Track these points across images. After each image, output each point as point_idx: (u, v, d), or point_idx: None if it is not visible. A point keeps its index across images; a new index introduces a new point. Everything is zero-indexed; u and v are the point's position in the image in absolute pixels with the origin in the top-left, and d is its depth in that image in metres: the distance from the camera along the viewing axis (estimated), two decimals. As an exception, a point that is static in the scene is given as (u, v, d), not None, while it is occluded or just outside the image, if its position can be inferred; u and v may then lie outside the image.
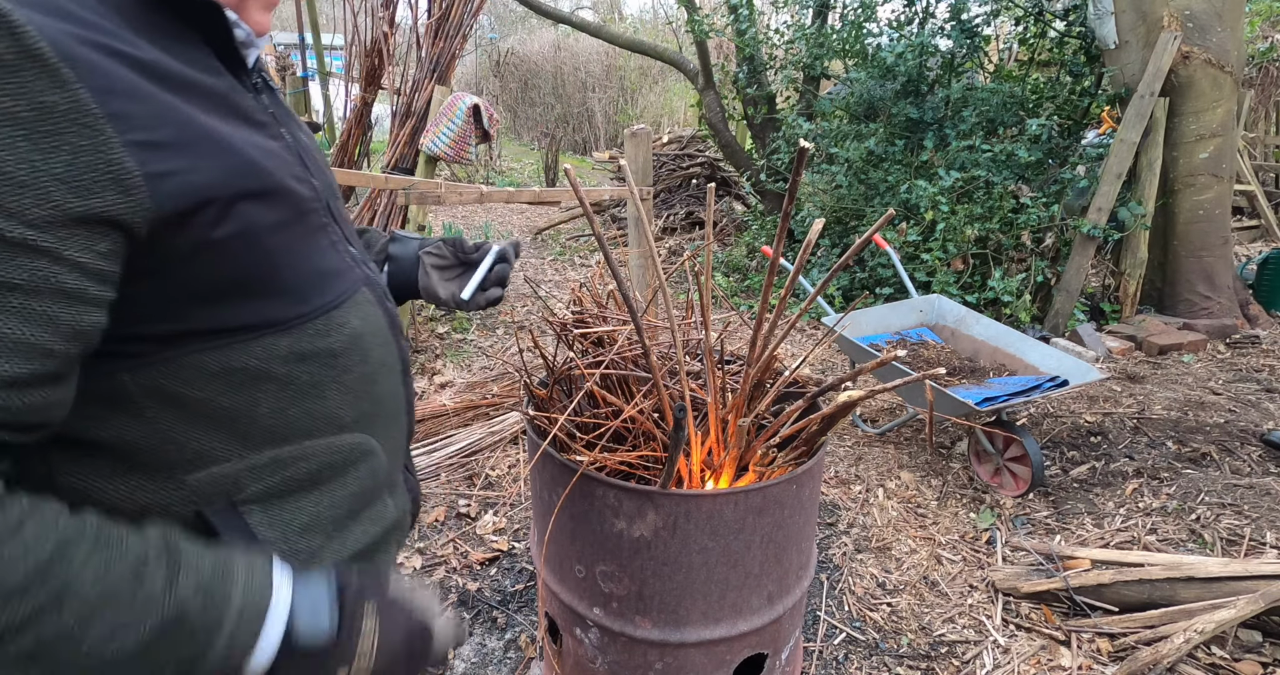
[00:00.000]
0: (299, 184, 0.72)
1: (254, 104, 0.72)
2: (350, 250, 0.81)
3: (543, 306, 4.46)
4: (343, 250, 0.79)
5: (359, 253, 0.84)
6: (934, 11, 5.51)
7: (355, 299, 0.77)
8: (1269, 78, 7.90)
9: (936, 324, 3.40)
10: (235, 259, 0.63)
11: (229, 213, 0.62)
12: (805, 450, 1.39)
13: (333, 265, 0.76)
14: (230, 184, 0.62)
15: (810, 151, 1.45)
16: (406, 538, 0.93)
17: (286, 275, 0.69)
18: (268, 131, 0.72)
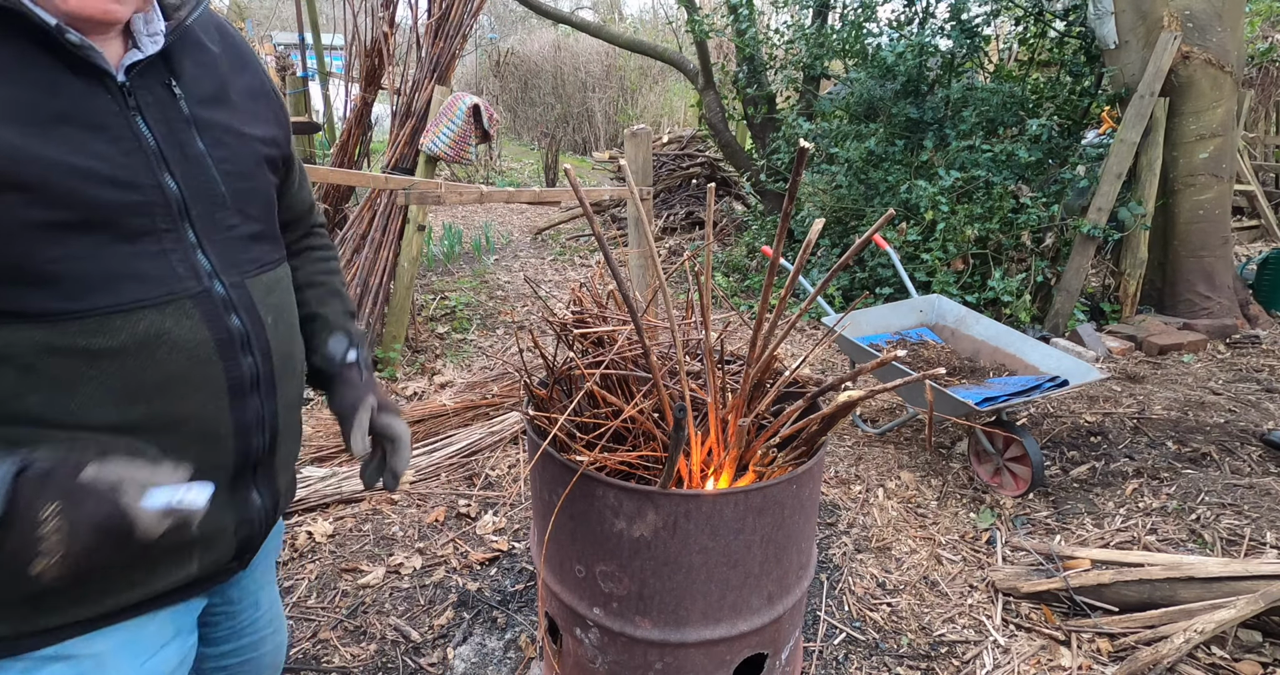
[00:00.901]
0: (111, 188, 0.73)
1: (95, 106, 0.74)
2: (198, 261, 0.82)
3: (543, 306, 4.46)
4: (176, 259, 0.79)
5: (215, 263, 0.84)
6: (934, 11, 5.51)
7: (165, 309, 0.78)
8: (1269, 78, 7.89)
9: (936, 324, 3.40)
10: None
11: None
12: (805, 450, 1.39)
13: (139, 271, 0.76)
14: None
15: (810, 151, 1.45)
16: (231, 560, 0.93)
17: (52, 270, 0.71)
18: (105, 135, 0.74)
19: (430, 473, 2.83)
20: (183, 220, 0.81)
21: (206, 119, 0.85)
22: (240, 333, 0.85)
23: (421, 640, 2.03)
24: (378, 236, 3.92)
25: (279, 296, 0.94)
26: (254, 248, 0.91)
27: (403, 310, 3.85)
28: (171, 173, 0.79)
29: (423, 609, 2.15)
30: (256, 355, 0.87)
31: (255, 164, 0.92)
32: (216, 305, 0.82)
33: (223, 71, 0.90)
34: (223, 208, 0.85)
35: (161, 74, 0.82)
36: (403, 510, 2.62)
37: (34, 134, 0.69)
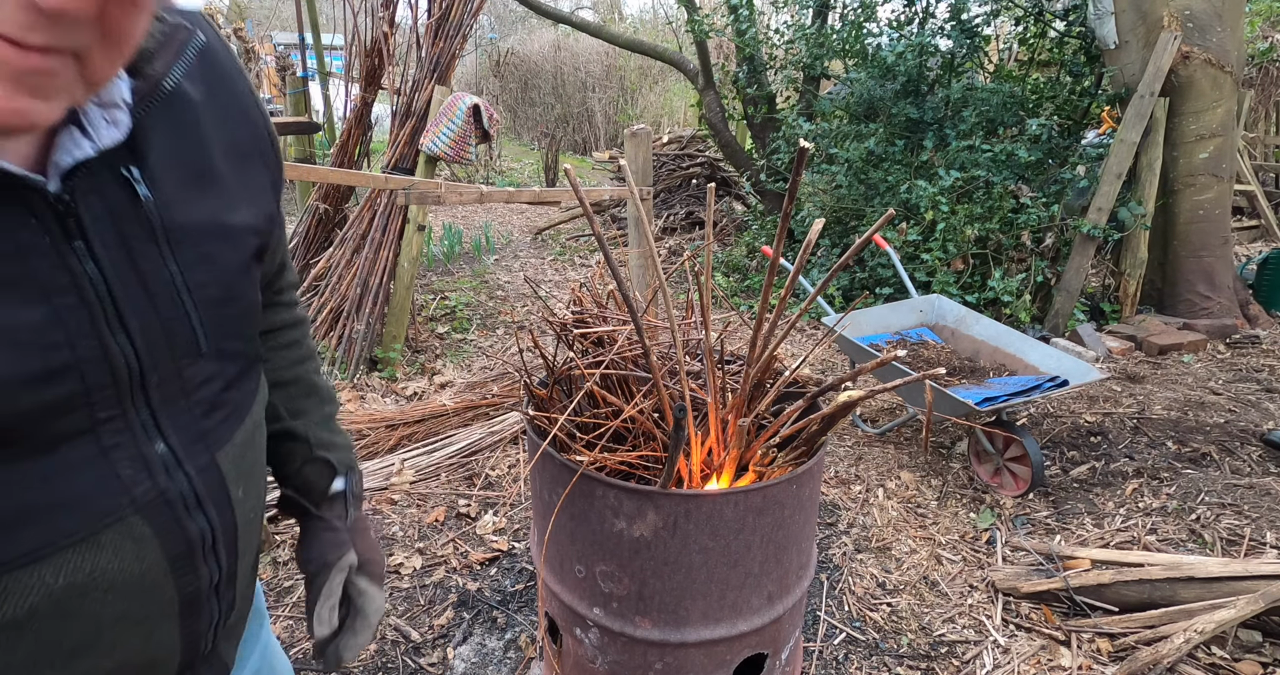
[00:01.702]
0: (17, 390, 0.47)
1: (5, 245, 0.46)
2: (152, 452, 0.56)
3: (543, 306, 4.46)
4: (121, 457, 0.54)
5: (174, 445, 0.58)
6: (934, 11, 5.51)
7: (98, 539, 0.53)
8: (1269, 78, 7.90)
9: (936, 324, 3.40)
10: None
11: None
12: (805, 450, 1.39)
13: (58, 495, 0.51)
14: None
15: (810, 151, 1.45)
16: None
17: None
18: (17, 293, 0.46)
19: (430, 473, 2.83)
20: (134, 399, 0.54)
21: (183, 224, 0.56)
22: (203, 536, 0.61)
23: (421, 640, 2.03)
24: (378, 236, 3.92)
25: (253, 453, 0.69)
26: (230, 397, 0.64)
27: (403, 310, 3.85)
28: (126, 328, 0.52)
29: (423, 609, 2.15)
30: (221, 555, 0.63)
31: (243, 271, 0.64)
32: (175, 509, 0.58)
33: (206, 131, 0.60)
34: (195, 359, 0.59)
35: (119, 162, 0.52)
36: (403, 510, 2.62)
37: None
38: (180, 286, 0.56)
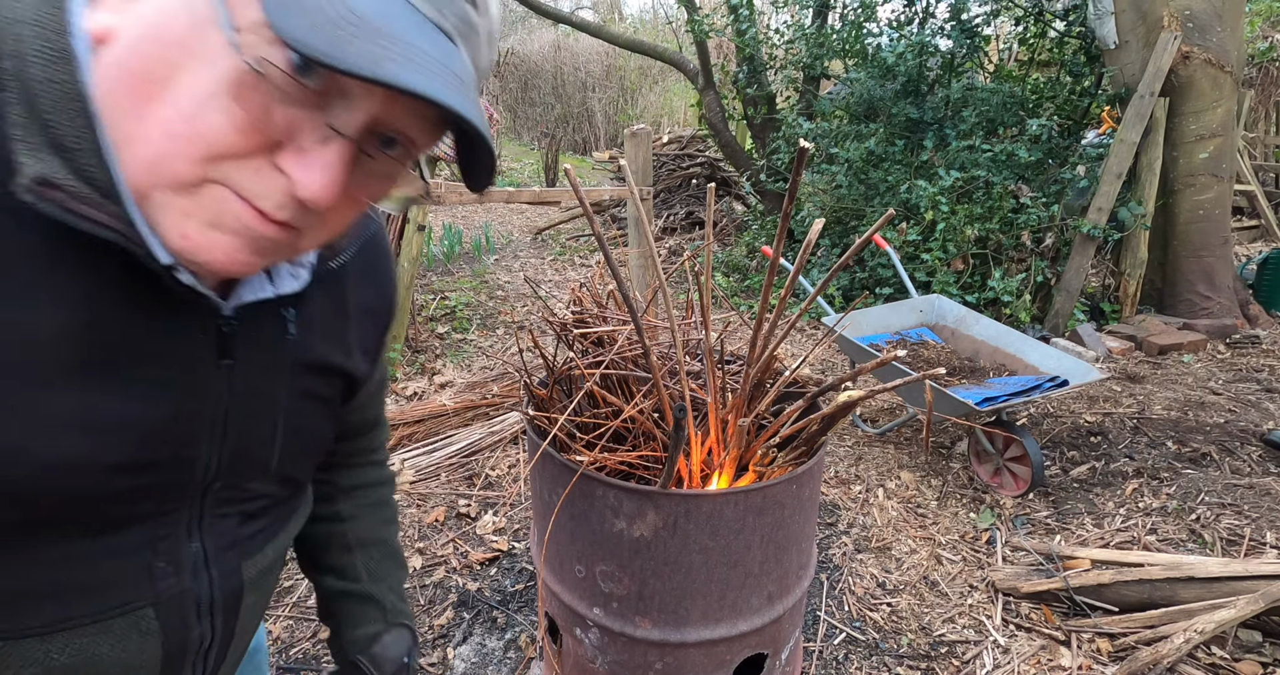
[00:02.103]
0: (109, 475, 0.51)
1: (173, 352, 0.53)
2: (187, 550, 0.59)
3: (543, 306, 4.46)
4: (161, 549, 0.57)
5: (208, 548, 0.61)
6: (934, 11, 5.51)
7: (110, 624, 0.55)
8: (1269, 78, 7.90)
9: (936, 324, 3.40)
10: None
11: None
12: (805, 450, 1.39)
13: (89, 577, 0.53)
14: None
15: (810, 151, 1.45)
16: None
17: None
18: (164, 394, 0.53)
19: (430, 473, 2.83)
20: (194, 498, 0.59)
21: (307, 362, 0.64)
22: (201, 641, 0.62)
23: (421, 640, 2.03)
24: (378, 236, 3.92)
25: (273, 572, 0.71)
26: (272, 514, 0.68)
27: (403, 310, 3.85)
28: (224, 440, 0.58)
29: (423, 609, 2.15)
30: (210, 660, 0.65)
31: (330, 412, 0.71)
32: (188, 610, 0.60)
33: (349, 294, 0.69)
34: (260, 477, 0.64)
35: (283, 304, 0.60)
36: (403, 510, 2.62)
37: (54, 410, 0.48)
38: (279, 412, 0.62)
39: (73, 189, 0.44)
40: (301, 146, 0.45)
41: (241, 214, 0.46)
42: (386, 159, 0.49)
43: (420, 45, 0.44)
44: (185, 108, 0.43)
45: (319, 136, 0.45)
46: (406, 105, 0.46)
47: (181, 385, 0.54)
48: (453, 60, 0.46)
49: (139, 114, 0.44)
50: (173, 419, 0.54)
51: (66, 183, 0.44)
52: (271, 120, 0.44)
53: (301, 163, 0.45)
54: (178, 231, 0.46)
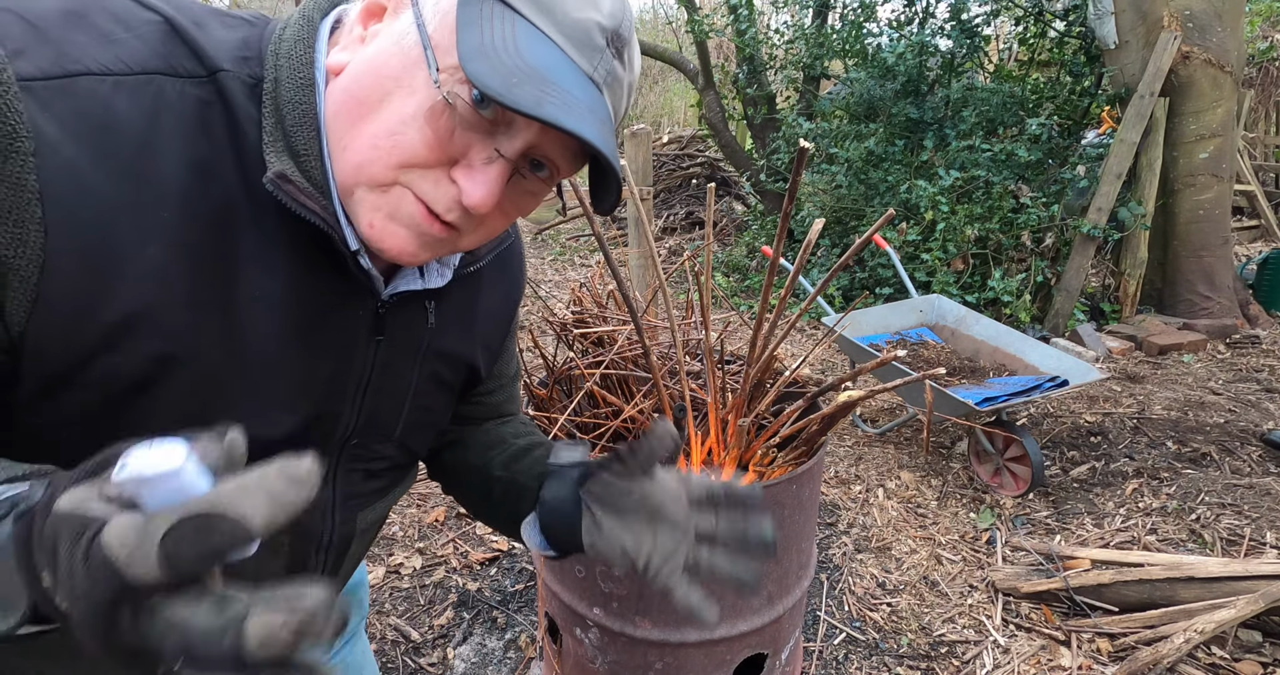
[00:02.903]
0: (298, 423, 0.64)
1: (342, 325, 0.65)
2: (323, 493, 0.70)
3: (543, 306, 4.46)
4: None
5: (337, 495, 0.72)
6: (934, 11, 5.51)
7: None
8: (1269, 78, 7.90)
9: (936, 324, 3.40)
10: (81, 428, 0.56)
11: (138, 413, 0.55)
12: (805, 450, 1.39)
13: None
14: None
15: (810, 151, 1.45)
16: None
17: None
18: (326, 358, 0.65)
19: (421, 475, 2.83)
20: (335, 452, 0.71)
21: (440, 350, 0.75)
22: (306, 569, 0.74)
23: (421, 640, 2.03)
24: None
25: (376, 527, 0.84)
26: (388, 476, 0.79)
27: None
28: (362, 403, 0.70)
29: (423, 609, 2.15)
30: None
31: (452, 396, 0.82)
32: (309, 546, 0.73)
33: (484, 295, 0.80)
34: (386, 441, 0.75)
35: (427, 297, 0.72)
36: (403, 510, 2.62)
37: (261, 355, 0.60)
38: (409, 388, 0.74)
39: (300, 184, 0.57)
40: (471, 164, 0.58)
41: (415, 212, 0.58)
42: (536, 180, 0.62)
43: (574, 92, 0.55)
44: (390, 125, 0.56)
45: (486, 157, 0.58)
46: (556, 138, 0.58)
47: (342, 350, 0.66)
48: (597, 106, 0.57)
49: (354, 128, 0.57)
50: (331, 377, 0.66)
51: (296, 178, 0.57)
52: (453, 141, 0.57)
53: (470, 176, 0.57)
54: (367, 220, 0.59)
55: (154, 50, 0.54)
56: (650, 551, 0.70)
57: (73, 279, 0.50)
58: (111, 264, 0.52)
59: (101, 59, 0.51)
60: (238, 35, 0.59)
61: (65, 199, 0.49)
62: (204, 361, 0.57)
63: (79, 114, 0.50)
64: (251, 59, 0.58)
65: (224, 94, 0.56)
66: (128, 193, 0.51)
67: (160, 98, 0.53)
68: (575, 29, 0.57)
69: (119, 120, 0.51)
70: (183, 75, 0.54)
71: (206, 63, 0.56)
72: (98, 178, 0.50)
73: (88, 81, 0.50)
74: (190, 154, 0.54)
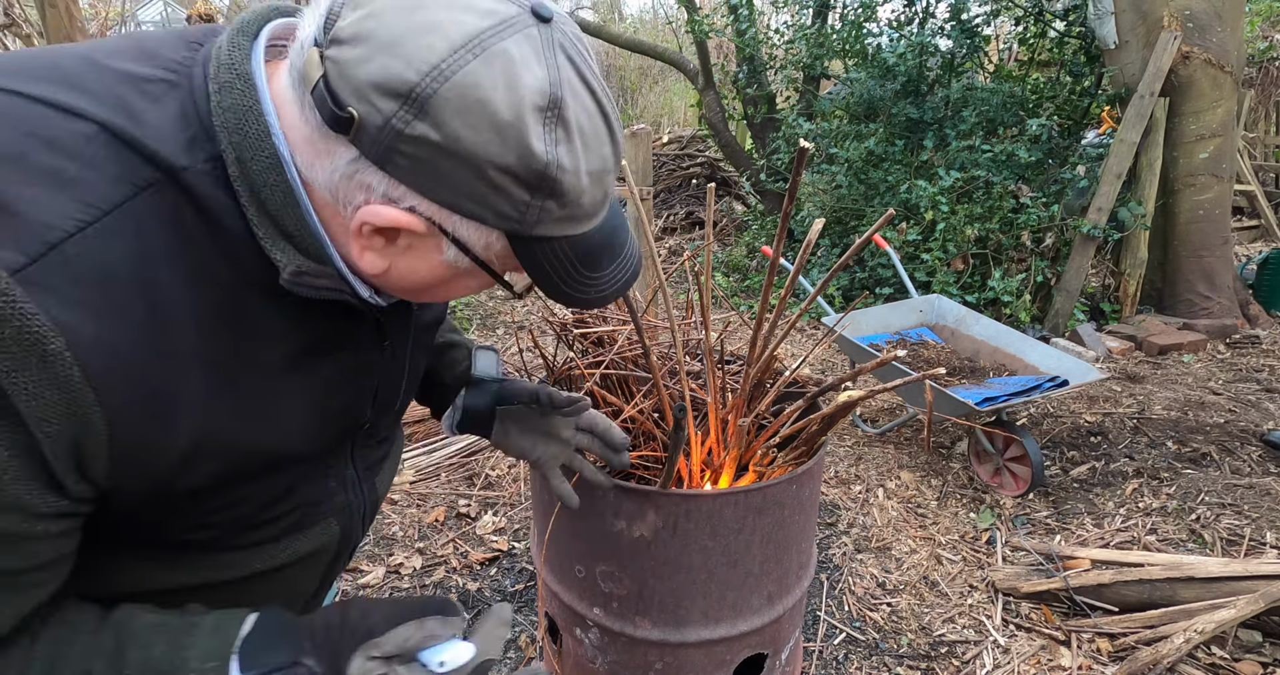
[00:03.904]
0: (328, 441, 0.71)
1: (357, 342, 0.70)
2: (348, 472, 0.78)
3: (543, 306, 4.45)
4: (334, 475, 0.76)
5: (359, 470, 0.80)
6: (934, 11, 5.51)
7: (308, 532, 0.74)
8: (1269, 78, 7.89)
9: (936, 324, 3.40)
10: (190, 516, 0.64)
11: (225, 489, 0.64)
12: (805, 450, 1.39)
13: (301, 500, 0.72)
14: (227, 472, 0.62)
15: (810, 151, 1.45)
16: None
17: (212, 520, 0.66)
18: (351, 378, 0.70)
19: (430, 473, 2.83)
20: (363, 437, 0.78)
21: (423, 323, 0.82)
22: (355, 541, 0.83)
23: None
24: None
25: (388, 475, 0.91)
26: (391, 440, 0.88)
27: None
28: (376, 399, 0.76)
29: (423, 609, 2.15)
30: (347, 556, 0.85)
31: (428, 351, 0.90)
32: (354, 518, 0.80)
33: None
34: (391, 413, 0.82)
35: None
36: (403, 510, 2.62)
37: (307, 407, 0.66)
38: (405, 369, 0.80)
39: (312, 270, 0.58)
40: None
41: None
42: None
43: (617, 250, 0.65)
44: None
45: None
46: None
47: (362, 367, 0.71)
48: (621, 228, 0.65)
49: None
50: (358, 391, 0.72)
51: (308, 267, 0.58)
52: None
53: None
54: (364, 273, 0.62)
55: (110, 175, 0.51)
56: (540, 454, 1.05)
57: (137, 434, 0.54)
58: (165, 407, 0.55)
59: (70, 213, 0.49)
60: (171, 109, 0.54)
61: (106, 371, 0.50)
62: (265, 441, 0.64)
63: (78, 282, 0.49)
64: (199, 138, 0.54)
65: (191, 193, 0.54)
66: (150, 343, 0.53)
67: (139, 228, 0.52)
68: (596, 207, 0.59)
69: (115, 272, 0.51)
70: (144, 187, 0.52)
71: (161, 164, 0.53)
72: (122, 337, 0.51)
73: (73, 245, 0.48)
74: (181, 272, 0.54)
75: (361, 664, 0.62)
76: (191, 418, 0.56)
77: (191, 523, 0.65)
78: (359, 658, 0.62)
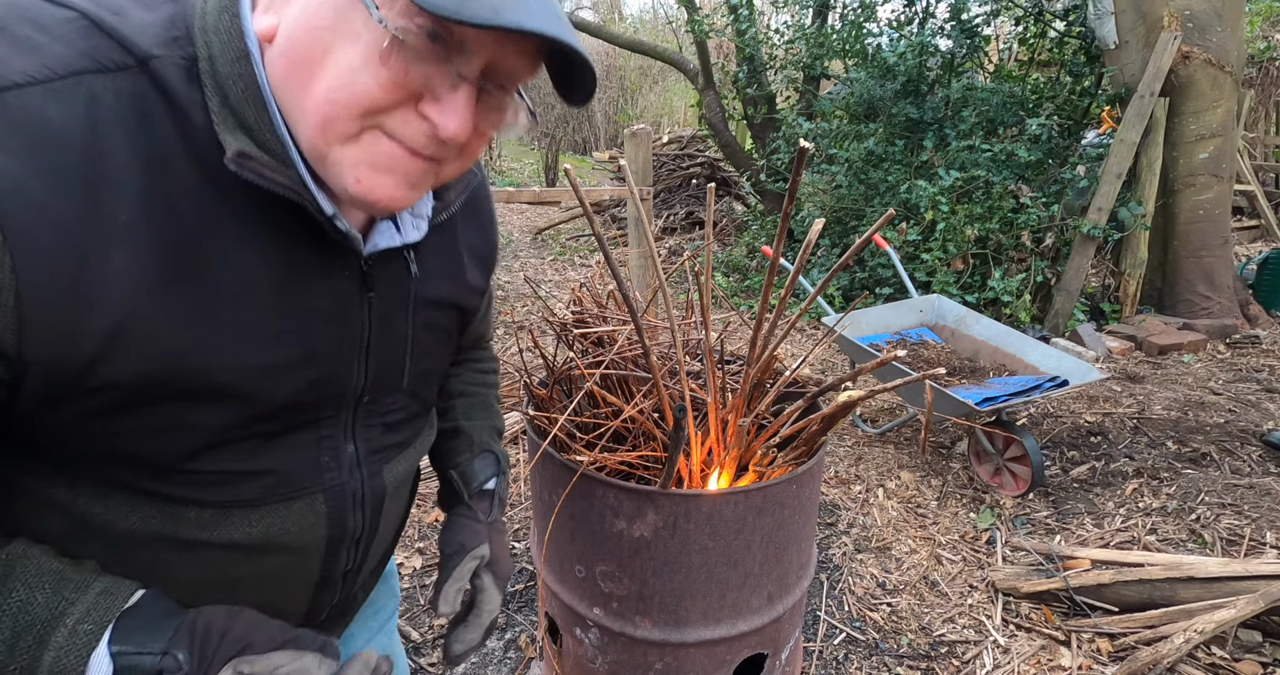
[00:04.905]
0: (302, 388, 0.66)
1: (331, 289, 0.66)
2: (344, 449, 0.73)
3: (543, 306, 4.46)
4: (325, 448, 0.71)
5: (360, 451, 0.75)
6: (934, 11, 5.51)
7: (290, 505, 0.70)
8: (1269, 78, 7.90)
9: (936, 324, 3.40)
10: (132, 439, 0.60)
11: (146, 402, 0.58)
12: (805, 450, 1.39)
13: (284, 463, 0.68)
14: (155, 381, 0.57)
15: (810, 151, 1.45)
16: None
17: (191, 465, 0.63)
18: (328, 323, 0.66)
19: (430, 472, 2.83)
20: (350, 409, 0.73)
21: (427, 298, 0.77)
22: (355, 532, 0.77)
23: (421, 640, 2.03)
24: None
25: (407, 485, 0.86)
26: (406, 427, 0.82)
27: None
28: (367, 361, 0.71)
29: (423, 609, 2.15)
30: (359, 552, 0.79)
31: (448, 339, 0.85)
32: (346, 501, 0.74)
33: (460, 240, 0.82)
34: (396, 392, 0.77)
35: (407, 250, 0.73)
36: (403, 510, 2.62)
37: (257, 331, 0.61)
38: (407, 340, 0.76)
39: (261, 159, 0.56)
40: (437, 95, 0.57)
41: (395, 153, 0.58)
42: (500, 93, 0.61)
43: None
44: (342, 77, 0.55)
45: (449, 85, 0.57)
46: (515, 44, 0.57)
47: (338, 314, 0.67)
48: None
49: (306, 90, 0.56)
50: (334, 340, 0.67)
51: (257, 154, 0.56)
52: (409, 76, 0.55)
53: (440, 109, 0.57)
54: (352, 177, 0.58)
55: (77, 49, 0.52)
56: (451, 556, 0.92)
57: (49, 299, 0.51)
58: (83, 278, 0.52)
59: (23, 69, 0.50)
60: (161, 14, 0.57)
61: (21, 220, 0.49)
62: (198, 352, 0.58)
63: (14, 130, 0.49)
64: (181, 38, 0.56)
65: (160, 82, 0.55)
66: (81, 204, 0.51)
67: (93, 99, 0.52)
68: None
69: (56, 130, 0.50)
70: (112, 70, 0.53)
71: (134, 52, 0.54)
72: (47, 193, 0.49)
73: (15, 96, 0.49)
74: (136, 151, 0.53)
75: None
76: (116, 294, 0.53)
77: (129, 440, 0.59)
78: (228, 670, 0.60)
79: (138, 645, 0.58)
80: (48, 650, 0.55)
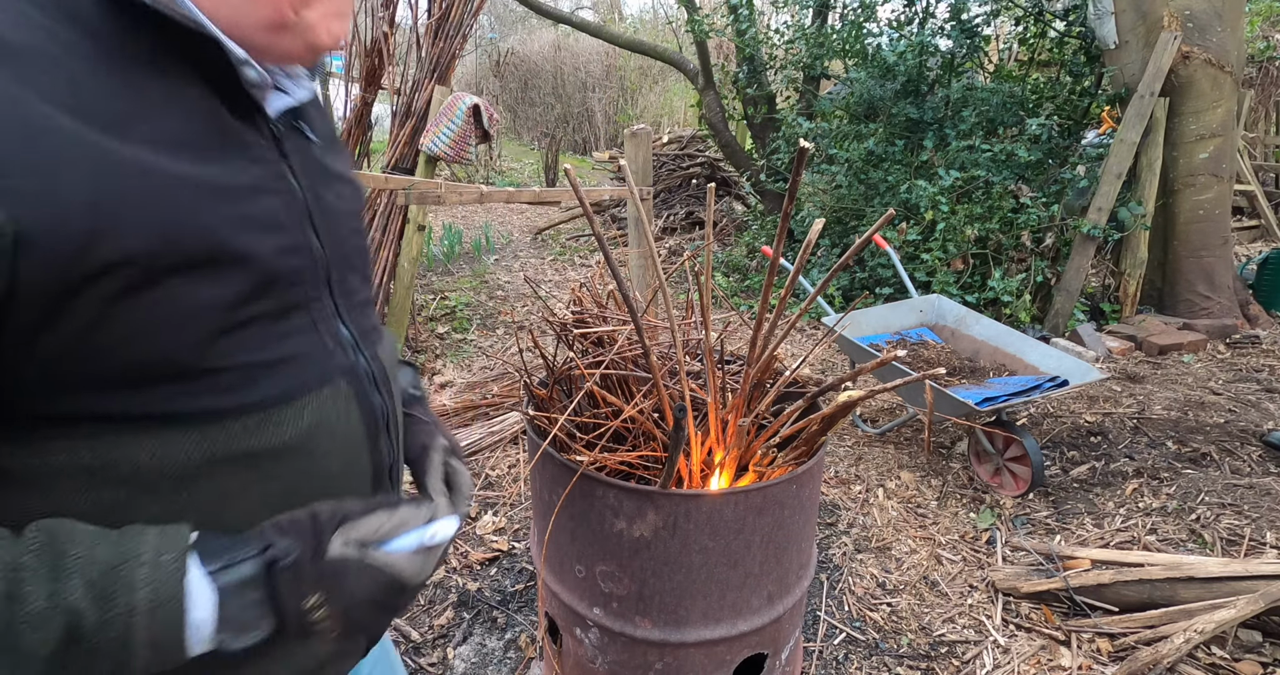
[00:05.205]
0: (278, 254, 0.63)
1: (258, 155, 0.64)
2: (341, 331, 0.72)
3: (543, 306, 4.45)
4: (325, 331, 0.70)
5: (354, 332, 0.74)
6: (934, 11, 5.51)
7: (320, 393, 0.68)
8: (1269, 78, 7.90)
9: (936, 324, 3.40)
10: (145, 338, 0.55)
11: (149, 282, 0.54)
12: (805, 450, 1.39)
13: (296, 350, 0.67)
14: (153, 248, 0.54)
15: (810, 151, 1.45)
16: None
17: (214, 361, 0.60)
18: (268, 189, 0.64)
19: (430, 473, 2.83)
20: (325, 286, 0.71)
21: (330, 168, 0.76)
22: (383, 413, 0.76)
23: (421, 640, 2.03)
24: (377, 236, 3.92)
25: (392, 365, 0.85)
26: (372, 314, 0.82)
27: (403, 310, 3.85)
28: (316, 231, 0.70)
29: (423, 609, 2.15)
30: (393, 438, 0.79)
31: (361, 223, 0.83)
32: (364, 381, 0.73)
33: (324, 115, 0.82)
34: (351, 270, 0.76)
35: (296, 118, 0.72)
36: (403, 510, 2.62)
37: (210, 192, 0.59)
38: (338, 211, 0.74)
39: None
40: None
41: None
42: None
43: None
44: None
45: None
46: None
47: (275, 181, 0.66)
48: None
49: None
50: (282, 209, 0.65)
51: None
52: None
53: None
54: (324, 30, 0.63)
55: None
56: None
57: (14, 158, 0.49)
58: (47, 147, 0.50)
59: None
60: None
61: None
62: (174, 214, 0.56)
63: None
64: None
65: None
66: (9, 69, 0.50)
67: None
68: None
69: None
70: None
71: None
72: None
73: None
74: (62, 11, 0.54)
75: (342, 544, 0.61)
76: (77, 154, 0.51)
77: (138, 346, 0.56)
78: (338, 539, 0.60)
79: (229, 558, 0.56)
80: (137, 590, 0.52)
